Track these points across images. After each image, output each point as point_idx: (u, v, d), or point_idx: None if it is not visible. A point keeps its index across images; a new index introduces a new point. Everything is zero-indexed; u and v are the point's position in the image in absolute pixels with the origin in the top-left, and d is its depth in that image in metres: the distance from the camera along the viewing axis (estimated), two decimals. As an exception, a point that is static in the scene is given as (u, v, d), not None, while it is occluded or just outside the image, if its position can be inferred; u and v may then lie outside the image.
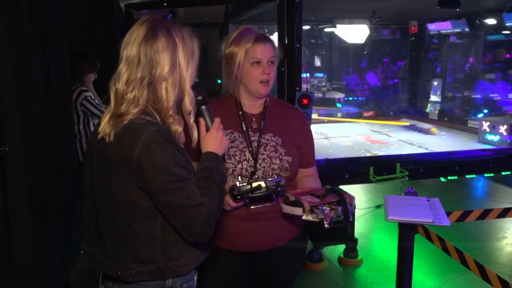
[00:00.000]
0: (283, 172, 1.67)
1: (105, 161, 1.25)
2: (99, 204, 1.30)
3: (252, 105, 1.72)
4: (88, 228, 1.35)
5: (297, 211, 1.50)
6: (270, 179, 1.54)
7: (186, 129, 1.36)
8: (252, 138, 1.67)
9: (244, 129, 1.67)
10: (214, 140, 1.42)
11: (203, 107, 1.42)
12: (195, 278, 1.39)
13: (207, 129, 1.42)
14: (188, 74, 1.31)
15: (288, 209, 1.53)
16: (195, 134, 1.35)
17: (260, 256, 1.72)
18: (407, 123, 5.86)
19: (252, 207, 1.59)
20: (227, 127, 1.65)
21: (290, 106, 1.92)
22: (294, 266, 1.83)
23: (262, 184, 1.52)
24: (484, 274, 1.87)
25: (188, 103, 1.32)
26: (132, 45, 1.26)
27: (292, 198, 1.56)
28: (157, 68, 1.25)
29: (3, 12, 1.59)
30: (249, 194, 1.52)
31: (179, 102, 1.31)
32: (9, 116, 1.60)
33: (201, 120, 1.42)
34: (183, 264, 1.31)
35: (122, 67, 1.26)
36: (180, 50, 1.29)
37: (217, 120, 1.43)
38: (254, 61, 1.64)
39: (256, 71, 1.65)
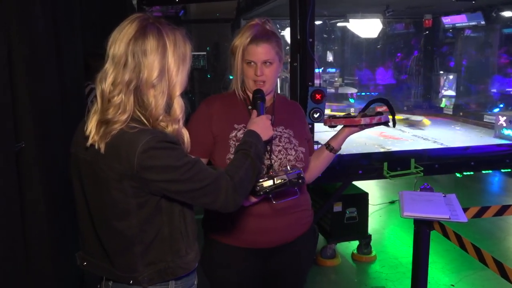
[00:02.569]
0: (299, 163, 1.67)
1: (98, 174, 1.20)
2: (97, 217, 1.26)
3: None
4: (88, 240, 1.31)
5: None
6: (291, 172, 1.52)
7: None
8: None
9: None
10: (262, 123, 1.50)
11: (259, 102, 1.57)
12: (196, 282, 1.38)
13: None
14: (178, 80, 1.24)
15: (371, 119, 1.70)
16: (187, 137, 1.31)
17: (275, 251, 1.72)
18: (401, 117, 5.75)
19: (275, 202, 1.58)
20: (239, 122, 1.65)
21: (293, 101, 1.95)
22: (307, 259, 1.85)
23: (285, 177, 1.50)
24: (502, 271, 1.84)
25: (178, 111, 1.26)
26: (120, 43, 1.19)
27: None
28: (144, 72, 1.19)
29: (18, 11, 1.60)
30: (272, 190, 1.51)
31: (167, 108, 1.24)
32: (24, 114, 1.61)
33: (254, 111, 1.56)
34: (191, 260, 1.30)
35: (109, 67, 1.21)
36: (170, 53, 1.22)
37: (269, 115, 1.56)
38: (248, 61, 1.62)
39: (250, 71, 1.63)
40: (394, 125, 1.81)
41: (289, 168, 1.55)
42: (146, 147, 1.14)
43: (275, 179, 1.50)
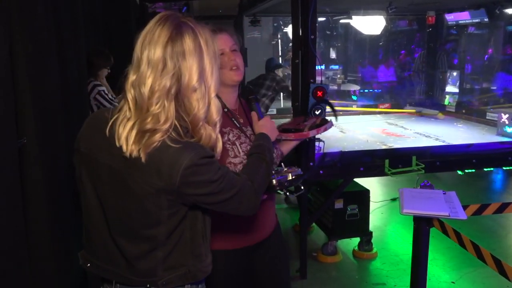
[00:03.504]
0: (277, 160, 1.71)
1: (128, 184, 1.15)
2: (117, 223, 1.22)
3: (230, 100, 1.69)
4: (96, 243, 1.27)
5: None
6: (290, 168, 1.59)
7: None
8: (248, 133, 1.66)
9: (238, 125, 1.65)
10: (269, 124, 1.54)
11: (254, 103, 1.63)
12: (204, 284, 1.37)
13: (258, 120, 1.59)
14: (213, 81, 1.19)
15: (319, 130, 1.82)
16: (220, 145, 1.25)
17: (261, 245, 1.73)
18: (413, 110, 5.80)
19: (295, 195, 1.66)
20: (224, 126, 1.60)
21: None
22: (285, 247, 1.91)
23: (298, 173, 1.57)
24: (501, 268, 1.84)
25: (215, 113, 1.20)
26: (155, 46, 1.11)
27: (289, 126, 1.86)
28: (185, 76, 1.13)
29: (20, 9, 1.61)
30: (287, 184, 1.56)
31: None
32: (25, 111, 1.62)
33: (254, 113, 1.60)
34: (209, 263, 1.29)
35: (145, 71, 1.11)
36: (205, 53, 1.16)
37: (268, 116, 1.61)
38: (220, 52, 1.55)
39: (223, 61, 1.60)
40: (336, 119, 2.11)
41: (283, 165, 1.62)
42: (190, 163, 1.10)
43: (289, 175, 1.55)
